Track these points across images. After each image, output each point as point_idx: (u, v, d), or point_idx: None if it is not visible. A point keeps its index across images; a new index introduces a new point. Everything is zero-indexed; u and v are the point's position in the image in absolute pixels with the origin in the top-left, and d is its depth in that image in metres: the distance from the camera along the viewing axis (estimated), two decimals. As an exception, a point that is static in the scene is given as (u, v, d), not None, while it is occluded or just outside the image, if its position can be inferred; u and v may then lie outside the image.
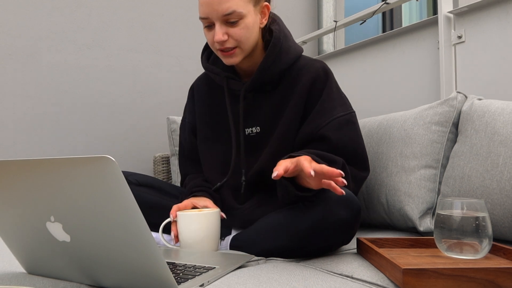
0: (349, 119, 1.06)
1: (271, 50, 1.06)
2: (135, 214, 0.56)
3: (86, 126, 1.77)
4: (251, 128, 1.11)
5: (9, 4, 1.63)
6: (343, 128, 1.03)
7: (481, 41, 1.40)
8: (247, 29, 1.01)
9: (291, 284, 0.69)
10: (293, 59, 1.10)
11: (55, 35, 1.71)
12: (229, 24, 1.00)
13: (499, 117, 1.03)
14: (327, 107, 1.05)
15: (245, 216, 1.06)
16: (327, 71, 1.10)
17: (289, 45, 1.10)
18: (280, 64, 1.08)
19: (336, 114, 1.04)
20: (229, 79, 1.12)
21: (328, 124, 1.03)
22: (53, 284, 0.71)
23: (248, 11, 1.00)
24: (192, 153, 1.24)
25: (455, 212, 0.81)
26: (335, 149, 1.01)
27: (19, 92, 1.65)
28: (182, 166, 1.28)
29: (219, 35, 0.99)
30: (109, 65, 1.82)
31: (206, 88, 1.20)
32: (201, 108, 1.20)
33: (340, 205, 0.86)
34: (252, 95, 1.11)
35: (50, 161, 0.58)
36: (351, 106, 1.09)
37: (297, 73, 1.09)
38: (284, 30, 1.11)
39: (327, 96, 1.06)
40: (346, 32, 2.38)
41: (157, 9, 1.93)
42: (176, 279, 0.68)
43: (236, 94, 1.12)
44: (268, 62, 1.07)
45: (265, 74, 1.08)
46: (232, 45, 1.01)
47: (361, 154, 1.06)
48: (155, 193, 1.13)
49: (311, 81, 1.07)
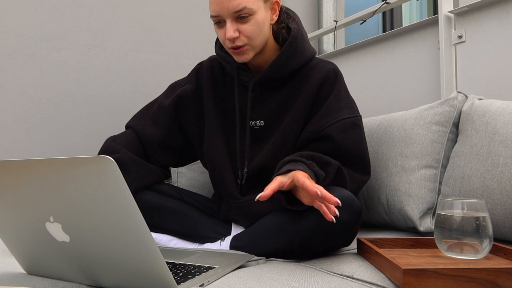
0: (355, 122, 1.05)
1: (286, 49, 1.06)
2: (135, 214, 0.56)
3: (86, 126, 1.77)
4: (256, 121, 1.11)
5: (9, 4, 1.63)
6: (348, 130, 1.03)
7: (482, 41, 1.40)
8: (258, 25, 1.01)
9: (291, 284, 0.69)
10: (306, 60, 1.10)
11: (55, 35, 1.71)
12: (240, 20, 1.00)
13: (500, 117, 1.03)
14: (334, 108, 1.05)
15: (244, 208, 1.06)
16: (337, 73, 1.10)
17: (305, 46, 1.10)
18: (293, 63, 1.08)
19: (342, 116, 1.04)
20: (239, 70, 1.11)
21: (333, 125, 1.03)
22: (52, 285, 0.71)
23: (258, 7, 1.01)
24: (157, 117, 1.18)
25: (456, 212, 0.81)
26: (337, 150, 1.01)
27: (19, 92, 1.64)
28: (136, 119, 1.21)
29: (230, 32, 0.99)
30: (109, 65, 1.82)
31: (215, 73, 1.19)
32: (208, 91, 1.17)
33: (341, 207, 0.86)
34: (260, 88, 1.11)
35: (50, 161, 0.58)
36: (358, 110, 1.09)
37: (307, 73, 1.09)
38: (301, 30, 1.10)
39: (335, 97, 1.06)
40: (346, 32, 2.38)
41: (157, 9, 1.93)
42: (176, 279, 0.68)
43: (245, 85, 1.12)
44: (282, 59, 1.06)
45: (277, 71, 1.07)
46: (242, 43, 1.02)
47: (363, 158, 1.06)
48: (155, 194, 1.12)
49: (320, 82, 1.07)
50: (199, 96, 1.19)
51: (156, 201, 1.10)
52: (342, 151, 1.02)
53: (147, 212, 0.90)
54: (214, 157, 1.14)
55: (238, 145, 1.10)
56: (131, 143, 1.15)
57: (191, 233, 1.08)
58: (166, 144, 1.18)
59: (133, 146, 1.14)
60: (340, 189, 0.90)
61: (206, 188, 1.53)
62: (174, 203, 1.10)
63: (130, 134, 1.17)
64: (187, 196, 1.16)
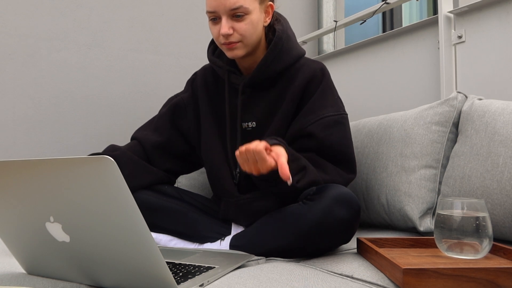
0: (339, 120, 1.06)
1: (272, 49, 1.08)
2: (135, 214, 0.56)
3: (86, 126, 1.77)
4: (248, 122, 1.12)
5: (9, 4, 1.63)
6: (331, 127, 1.04)
7: (481, 41, 1.40)
8: (252, 25, 1.03)
9: (291, 284, 0.69)
10: (293, 59, 1.11)
11: (55, 35, 1.71)
12: (235, 18, 1.02)
13: (500, 117, 1.03)
14: (318, 106, 1.06)
15: (243, 206, 1.06)
16: (324, 72, 1.11)
17: (291, 46, 1.11)
18: (280, 64, 1.09)
19: (326, 113, 1.05)
20: (230, 73, 1.14)
21: (316, 122, 1.04)
22: (52, 285, 0.71)
23: (254, 7, 1.03)
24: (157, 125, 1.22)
25: (455, 212, 0.81)
26: (321, 147, 1.03)
27: (19, 92, 1.64)
28: (139, 131, 1.25)
29: (225, 29, 1.01)
30: (109, 65, 1.82)
31: (208, 80, 1.21)
32: (203, 98, 1.20)
33: (340, 204, 0.86)
34: (250, 90, 1.12)
35: (50, 161, 0.58)
36: (343, 109, 1.10)
37: (295, 72, 1.11)
38: (287, 30, 1.12)
39: (320, 95, 1.08)
40: (346, 32, 2.38)
41: (157, 9, 1.93)
42: (176, 279, 0.68)
43: (236, 88, 1.13)
44: (268, 60, 1.08)
45: (264, 72, 1.09)
46: (236, 40, 1.04)
47: (348, 156, 1.06)
48: (155, 194, 1.13)
49: (307, 80, 1.09)
50: (195, 103, 1.22)
51: (156, 201, 1.10)
52: (326, 148, 1.03)
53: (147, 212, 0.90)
54: (210, 158, 1.16)
55: (229, 147, 1.12)
56: (132, 148, 1.18)
57: (191, 233, 1.09)
58: (168, 149, 1.20)
59: (134, 151, 1.17)
60: (339, 186, 0.90)
61: (206, 188, 1.53)
62: (174, 203, 1.11)
63: (132, 142, 1.22)
64: (187, 196, 1.17)
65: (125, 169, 1.08)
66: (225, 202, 1.11)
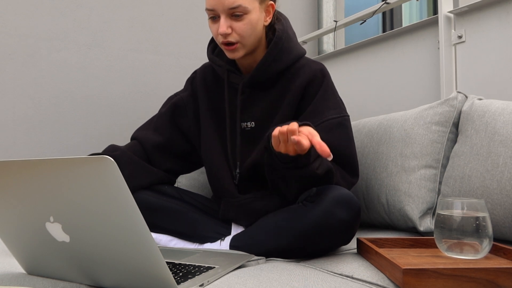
0: (341, 122, 1.06)
1: (271, 49, 1.07)
2: (135, 214, 0.56)
3: (86, 126, 1.77)
4: (247, 122, 1.12)
5: (9, 4, 1.63)
6: (334, 130, 1.04)
7: (481, 41, 1.40)
8: (251, 24, 1.03)
9: (291, 284, 0.69)
10: (293, 59, 1.10)
11: (55, 35, 1.71)
12: (234, 18, 1.01)
13: (500, 117, 1.03)
14: (320, 109, 1.06)
15: (243, 206, 1.06)
16: (324, 73, 1.10)
17: (291, 46, 1.10)
18: (280, 64, 1.09)
19: (328, 116, 1.05)
20: (230, 73, 1.13)
21: (318, 125, 1.03)
22: (52, 285, 0.71)
23: (253, 7, 1.02)
24: (157, 125, 1.21)
25: (455, 212, 0.81)
26: None
27: (19, 92, 1.64)
28: (139, 130, 1.24)
29: (223, 28, 1.01)
30: (109, 65, 1.82)
31: (208, 78, 1.21)
32: (203, 96, 1.20)
33: (340, 206, 0.86)
34: (250, 90, 1.12)
35: (50, 162, 0.58)
36: (345, 110, 1.09)
37: (295, 72, 1.10)
38: (287, 30, 1.11)
39: (321, 97, 1.07)
40: (346, 32, 2.38)
41: (157, 9, 1.93)
42: (176, 279, 0.68)
43: (235, 87, 1.13)
44: (268, 60, 1.07)
45: (264, 72, 1.08)
46: (234, 40, 1.03)
47: (351, 159, 1.06)
48: (155, 194, 1.13)
49: (307, 81, 1.08)
50: (195, 101, 1.21)
51: (156, 201, 1.10)
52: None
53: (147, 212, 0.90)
54: (210, 158, 1.15)
55: (229, 147, 1.11)
56: (132, 148, 1.18)
57: (191, 233, 1.08)
58: (169, 148, 1.20)
59: (135, 151, 1.17)
60: (339, 188, 0.90)
61: (206, 188, 1.53)
62: (174, 203, 1.11)
63: (132, 142, 1.21)
64: (187, 196, 1.17)
65: (125, 169, 1.08)
66: (225, 202, 1.11)
